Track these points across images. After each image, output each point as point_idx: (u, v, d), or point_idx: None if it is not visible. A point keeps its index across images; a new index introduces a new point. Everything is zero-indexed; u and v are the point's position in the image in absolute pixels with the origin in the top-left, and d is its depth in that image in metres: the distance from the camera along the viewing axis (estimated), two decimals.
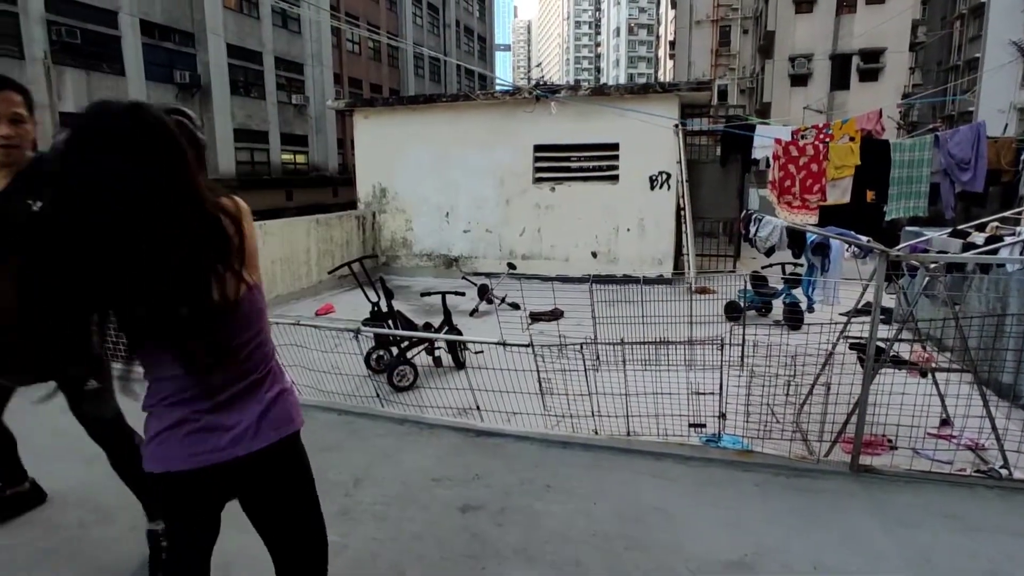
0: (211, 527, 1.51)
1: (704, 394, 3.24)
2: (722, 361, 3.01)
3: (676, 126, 8.23)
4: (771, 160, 8.08)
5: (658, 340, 3.31)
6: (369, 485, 2.89)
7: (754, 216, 5.59)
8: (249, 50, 24.94)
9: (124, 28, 20.04)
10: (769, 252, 5.71)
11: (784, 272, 6.20)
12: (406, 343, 4.48)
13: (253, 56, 25.17)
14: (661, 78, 60.00)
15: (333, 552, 2.36)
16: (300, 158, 28.53)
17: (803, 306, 5.81)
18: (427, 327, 4.93)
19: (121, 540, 2.43)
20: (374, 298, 4.83)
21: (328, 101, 17.19)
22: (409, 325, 4.78)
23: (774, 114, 24.65)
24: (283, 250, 7.38)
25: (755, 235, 5.56)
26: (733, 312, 5.85)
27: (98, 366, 2.14)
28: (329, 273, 5.77)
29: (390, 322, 4.71)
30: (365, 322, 4.44)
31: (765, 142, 8.71)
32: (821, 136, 9.05)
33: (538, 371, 3.29)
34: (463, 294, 5.50)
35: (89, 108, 1.13)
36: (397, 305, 5.00)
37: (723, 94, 32.39)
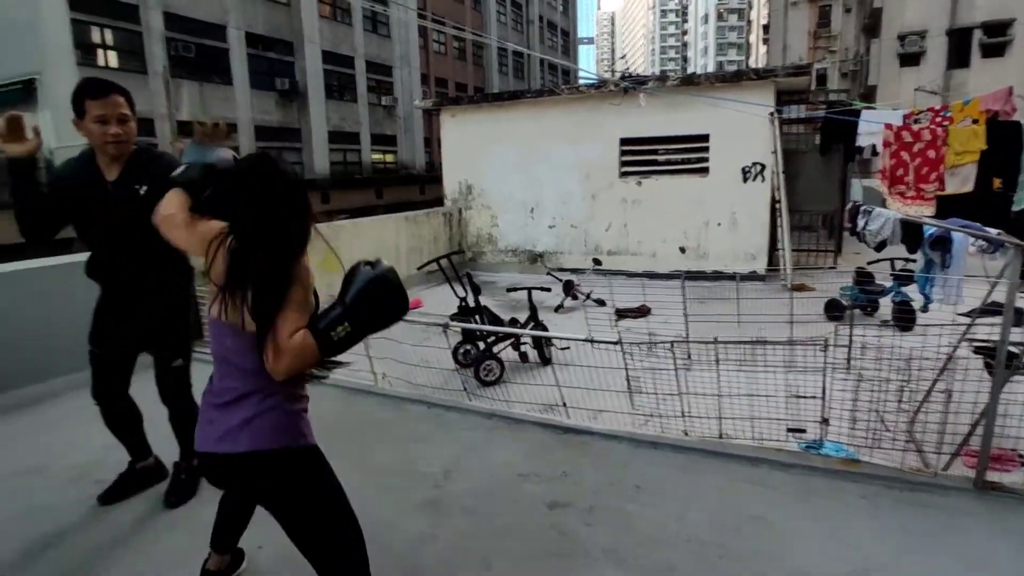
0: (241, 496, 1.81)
1: (804, 397, 3.06)
2: (825, 363, 2.82)
3: (772, 114, 7.82)
4: (880, 147, 7.48)
5: (754, 339, 3.16)
6: (458, 478, 2.94)
7: (863, 208, 5.20)
8: (342, 55, 26.10)
9: (232, 41, 21.51)
10: (880, 247, 5.29)
11: (893, 268, 5.74)
12: (492, 338, 4.53)
13: (346, 61, 26.32)
14: (753, 64, 57.27)
15: (422, 541, 2.44)
16: (389, 157, 29.56)
17: (915, 305, 5.35)
18: (513, 323, 4.96)
19: None
20: (462, 293, 4.92)
21: (416, 101, 17.67)
22: (496, 320, 4.83)
23: (880, 98, 22.84)
24: (374, 246, 7.67)
25: (864, 229, 5.17)
26: (834, 311, 5.49)
27: (189, 349, 2.66)
28: (419, 269, 5.94)
29: (477, 317, 4.79)
30: (453, 317, 4.53)
31: (872, 128, 8.08)
32: (938, 119, 8.27)
33: (626, 369, 3.23)
34: (549, 290, 5.50)
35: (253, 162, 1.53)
36: (483, 301, 5.07)
37: (822, 78, 30.40)
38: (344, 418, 3.68)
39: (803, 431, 3.09)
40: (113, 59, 18.15)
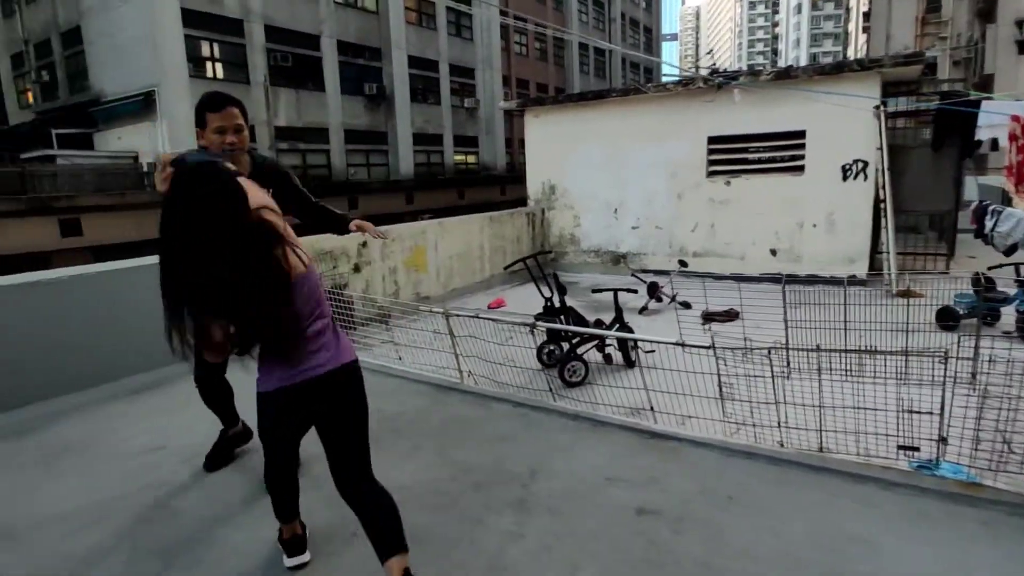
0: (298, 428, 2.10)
1: (919, 413, 2.83)
2: (945, 376, 2.60)
3: (877, 107, 7.31)
4: (1005, 141, 6.83)
5: (861, 348, 2.95)
6: (544, 478, 2.94)
7: (992, 208, 4.74)
8: (427, 59, 26.81)
9: (325, 50, 22.59)
10: (1010, 251, 4.82)
11: (1019, 273, 5.21)
12: (578, 339, 4.50)
13: (430, 65, 27.02)
14: (851, 55, 53.85)
15: (510, 539, 2.46)
16: (471, 158, 30.08)
17: None
18: (598, 324, 4.91)
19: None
20: (548, 293, 4.92)
21: (500, 103, 17.86)
22: (581, 321, 4.80)
23: (998, 88, 20.83)
24: (459, 246, 7.83)
25: (993, 230, 4.72)
26: (948, 319, 5.05)
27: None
28: (505, 269, 6.00)
29: (562, 317, 4.77)
30: (538, 317, 4.54)
31: (992, 120, 7.38)
32: None
33: (719, 374, 3.11)
34: (635, 291, 5.39)
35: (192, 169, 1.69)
36: (567, 301, 5.04)
37: (931, 68, 28.01)
38: (431, 414, 3.78)
39: (916, 449, 2.86)
40: (220, 71, 19.53)
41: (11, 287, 3.88)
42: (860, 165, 7.54)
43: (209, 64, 19.25)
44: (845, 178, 7.64)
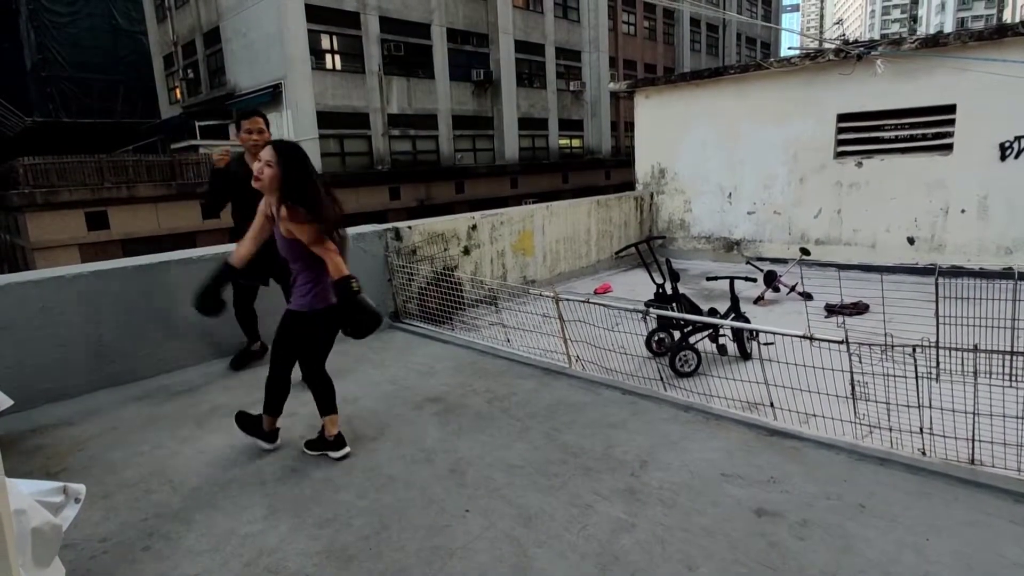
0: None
1: None
2: None
3: None
4: None
5: None
6: (655, 468, 2.87)
7: None
8: (533, 43, 26.78)
9: (435, 38, 23.18)
10: None
11: None
12: (690, 327, 4.34)
13: (536, 49, 26.96)
14: (1008, 18, 47.54)
15: (621, 528, 2.42)
16: (576, 142, 29.80)
17: None
18: (712, 312, 4.70)
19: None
20: (659, 280, 4.77)
21: (609, 84, 17.50)
22: (694, 309, 4.61)
23: None
24: (566, 230, 7.78)
25: None
26: None
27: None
28: (616, 254, 5.90)
29: (674, 305, 4.61)
30: (648, 303, 4.41)
31: None
32: None
33: (852, 372, 2.87)
34: (754, 280, 5.11)
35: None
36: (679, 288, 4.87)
37: None
38: (539, 396, 3.79)
39: None
40: (338, 62, 20.60)
41: (171, 263, 4.31)
42: (1022, 142, 6.64)
43: (329, 56, 20.35)
44: (1004, 157, 6.77)
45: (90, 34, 26.65)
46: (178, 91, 24.81)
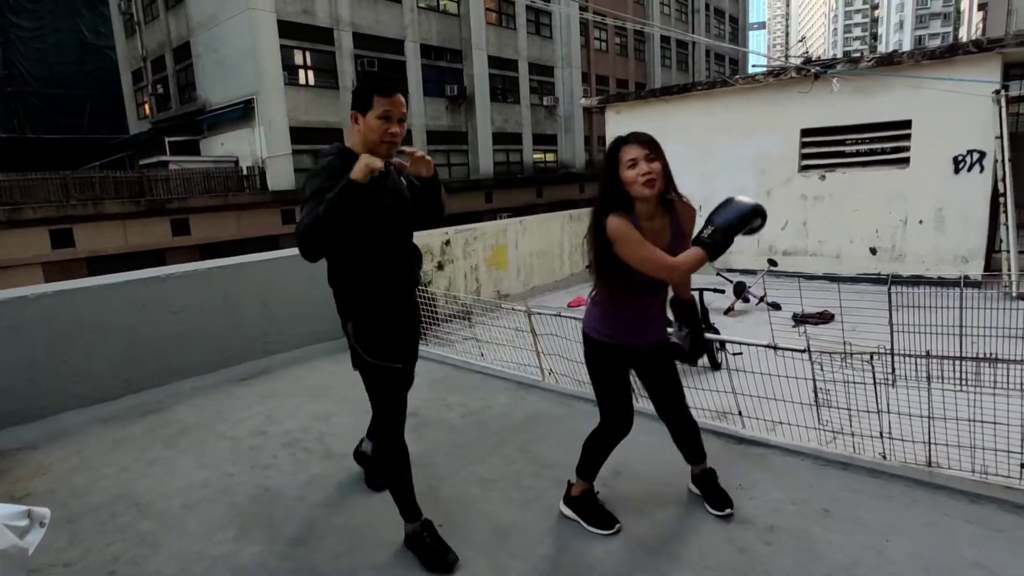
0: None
1: None
2: None
3: (997, 92, 6.68)
4: None
5: (981, 356, 2.72)
6: (627, 479, 2.92)
7: None
8: (506, 59, 27.03)
9: (408, 54, 23.26)
10: None
11: None
12: None
13: (510, 64, 27.22)
14: (964, 36, 49.52)
15: (594, 538, 2.44)
16: (550, 156, 30.06)
17: None
18: None
19: None
20: None
21: (582, 100, 17.74)
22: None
23: None
24: (539, 244, 7.85)
25: None
26: None
27: None
28: (587, 268, 5.94)
29: None
30: None
31: None
32: None
33: (815, 380, 2.96)
34: (722, 291, 5.21)
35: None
36: None
37: None
38: (513, 410, 3.82)
39: None
40: (312, 78, 20.55)
41: (138, 281, 4.25)
42: (976, 156, 6.92)
43: (302, 72, 20.30)
44: (957, 170, 7.04)
45: (57, 49, 26.15)
46: (147, 106, 24.45)
